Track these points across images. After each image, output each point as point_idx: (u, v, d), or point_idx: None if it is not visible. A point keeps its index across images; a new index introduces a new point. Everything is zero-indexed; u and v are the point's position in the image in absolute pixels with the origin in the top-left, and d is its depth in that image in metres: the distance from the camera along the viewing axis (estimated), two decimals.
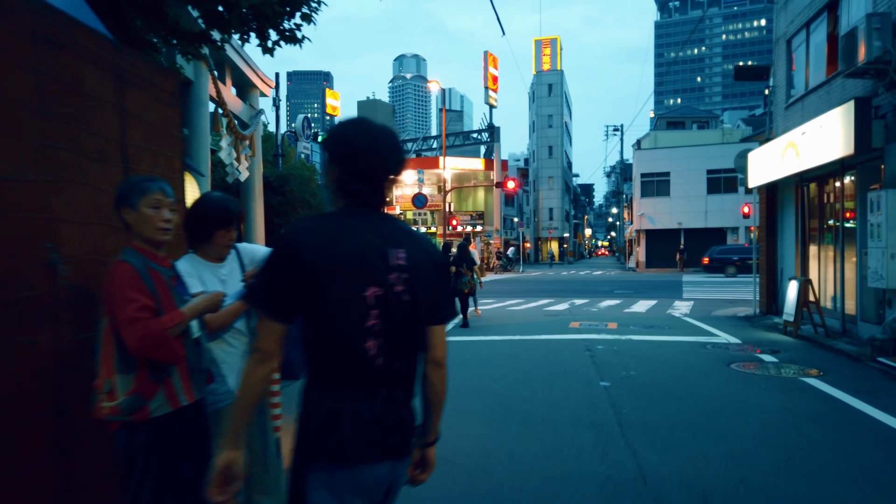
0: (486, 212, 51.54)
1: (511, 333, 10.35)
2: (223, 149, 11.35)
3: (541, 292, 21.35)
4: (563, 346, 8.91)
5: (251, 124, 13.52)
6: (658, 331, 10.54)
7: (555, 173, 62.09)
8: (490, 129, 44.79)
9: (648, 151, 42.51)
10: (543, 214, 62.74)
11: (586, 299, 17.85)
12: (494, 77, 45.97)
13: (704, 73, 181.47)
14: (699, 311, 14.23)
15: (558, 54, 62.20)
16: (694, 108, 63.34)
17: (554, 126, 61.53)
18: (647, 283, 25.74)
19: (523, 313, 14.04)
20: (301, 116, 21.66)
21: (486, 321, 12.43)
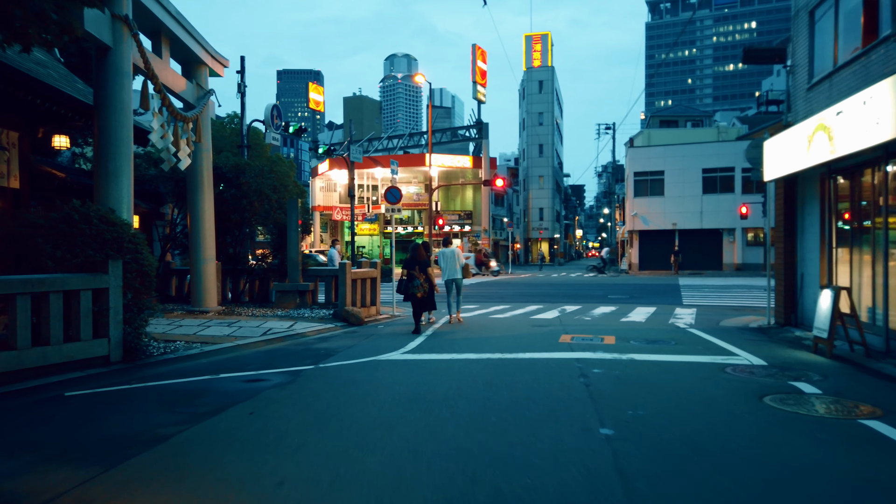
0: (474, 211, 49.93)
1: (490, 350, 8.70)
2: (155, 130, 9.64)
3: (529, 297, 19.72)
4: (553, 370, 7.26)
5: (197, 106, 11.79)
6: (664, 347, 8.92)
7: (545, 172, 60.56)
8: (478, 126, 43.16)
9: (642, 149, 41.03)
10: (534, 214, 61.20)
11: (578, 305, 16.23)
12: (483, 71, 44.37)
13: (695, 75, 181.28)
14: (705, 320, 12.63)
15: (549, 50, 60.69)
16: (687, 107, 62.02)
17: (545, 124, 60.00)
18: (642, 287, 24.17)
19: (508, 323, 12.39)
20: (270, 104, 19.90)
21: (463, 332, 10.77)
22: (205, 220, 12.43)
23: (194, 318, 11.54)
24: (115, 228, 7.71)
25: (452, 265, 12.35)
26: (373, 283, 13.48)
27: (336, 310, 12.41)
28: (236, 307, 13.41)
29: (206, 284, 12.44)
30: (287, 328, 10.77)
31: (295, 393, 6.21)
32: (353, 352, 8.78)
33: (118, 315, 7.65)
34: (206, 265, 12.45)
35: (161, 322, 10.89)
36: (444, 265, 12.49)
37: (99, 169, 8.63)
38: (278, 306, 13.39)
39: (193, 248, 12.42)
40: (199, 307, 12.39)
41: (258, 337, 9.84)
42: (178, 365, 7.84)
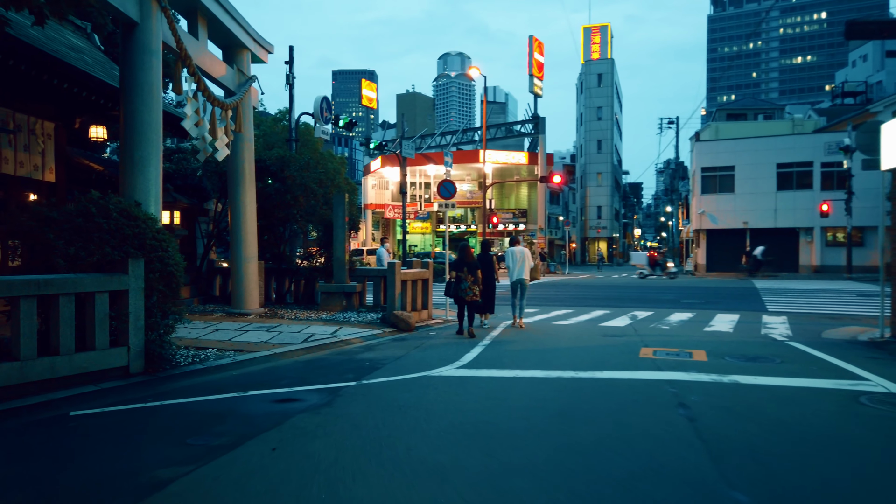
0: (529, 209, 48.45)
1: (559, 366, 7.46)
2: (188, 116, 8.81)
3: (593, 300, 18.29)
4: (641, 396, 5.98)
5: (238, 93, 10.97)
6: (769, 367, 7.48)
7: (604, 169, 58.34)
8: (534, 120, 41.67)
9: (710, 143, 38.68)
10: (591, 213, 59.09)
11: (649, 311, 14.75)
12: (540, 64, 42.83)
13: (760, 69, 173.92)
14: (803, 331, 11.01)
15: (609, 42, 58.44)
16: (756, 100, 58.70)
17: (604, 118, 57.79)
18: (715, 291, 22.32)
19: (574, 331, 11.10)
20: (319, 97, 19.11)
21: (525, 341, 9.56)
22: (246, 215, 11.62)
23: (233, 321, 10.72)
24: (137, 223, 6.85)
25: (522, 266, 11.54)
26: (424, 284, 12.41)
27: (384, 314, 11.39)
28: (280, 309, 12.58)
29: (247, 285, 11.64)
30: (330, 334, 9.80)
31: (330, 420, 5.15)
32: (401, 364, 7.70)
33: (139, 321, 6.79)
34: (248, 264, 11.64)
35: (196, 326, 10.09)
36: (511, 265, 11.59)
37: (124, 158, 7.83)
38: (323, 308, 12.48)
39: (234, 245, 11.64)
40: (240, 309, 11.59)
41: (298, 344, 8.89)
42: (204, 378, 6.93)
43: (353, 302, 12.59)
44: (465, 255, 10.62)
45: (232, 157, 11.53)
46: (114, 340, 6.65)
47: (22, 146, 10.21)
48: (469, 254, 10.72)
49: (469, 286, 10.36)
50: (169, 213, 12.51)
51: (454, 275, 10.59)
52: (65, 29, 11.46)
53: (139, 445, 4.60)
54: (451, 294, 10.56)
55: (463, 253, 10.72)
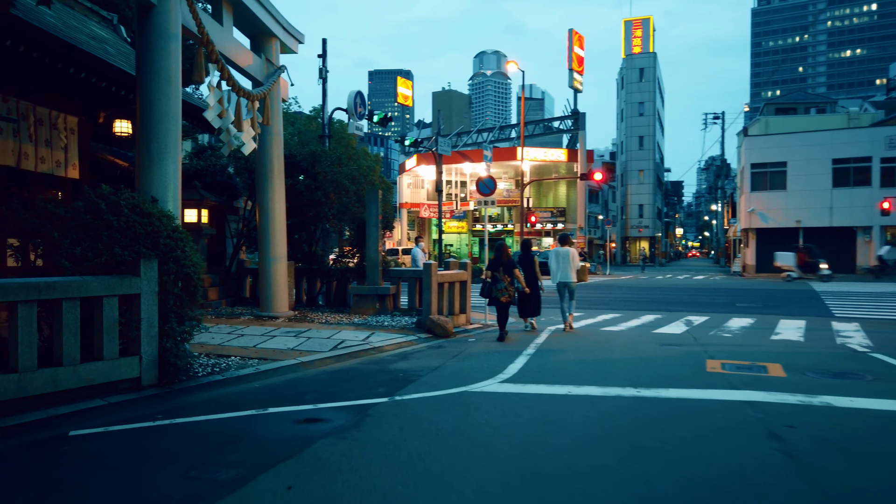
0: (567, 208, 47.29)
1: (617, 381, 6.61)
2: (211, 107, 8.22)
3: (640, 303, 17.25)
4: (718, 422, 5.10)
5: (266, 83, 10.37)
6: (862, 385, 6.49)
7: (646, 166, 56.64)
8: (574, 116, 40.50)
9: (760, 139, 36.96)
10: (632, 211, 57.45)
11: (704, 315, 13.69)
12: (580, 58, 41.64)
13: (807, 63, 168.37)
14: (885, 341, 9.88)
15: (650, 36, 56.73)
16: (807, 93, 56.25)
17: (645, 114, 56.11)
18: (770, 294, 20.99)
19: (626, 338, 10.18)
20: (353, 91, 18.53)
21: (574, 349, 8.70)
22: (275, 213, 11.03)
23: (261, 326, 10.12)
24: (151, 221, 6.25)
25: (566, 267, 10.92)
26: (462, 287, 11.64)
27: (419, 318, 10.66)
28: (310, 312, 11.96)
29: (275, 287, 11.04)
30: (362, 340, 9.10)
31: (357, 449, 4.42)
32: (438, 377, 6.94)
33: (152, 328, 6.18)
34: (277, 265, 11.05)
35: (221, 331, 9.51)
36: (556, 266, 11.00)
37: (140, 150, 7.26)
38: (355, 312, 11.82)
39: (262, 245, 11.06)
40: (269, 312, 11.00)
41: (327, 352, 8.21)
42: (222, 391, 6.28)
43: (386, 305, 11.90)
44: (501, 255, 10.12)
45: (259, 151, 10.95)
46: (124, 349, 6.06)
47: (43, 141, 9.79)
48: (506, 253, 10.21)
49: (505, 287, 9.93)
50: (196, 211, 12.03)
51: (490, 275, 10.16)
52: (89, 19, 11.04)
53: (135, 477, 3.94)
54: (487, 295, 10.16)
55: (499, 252, 10.20)
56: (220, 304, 12.20)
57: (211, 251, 12.78)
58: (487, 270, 10.34)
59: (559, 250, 11.20)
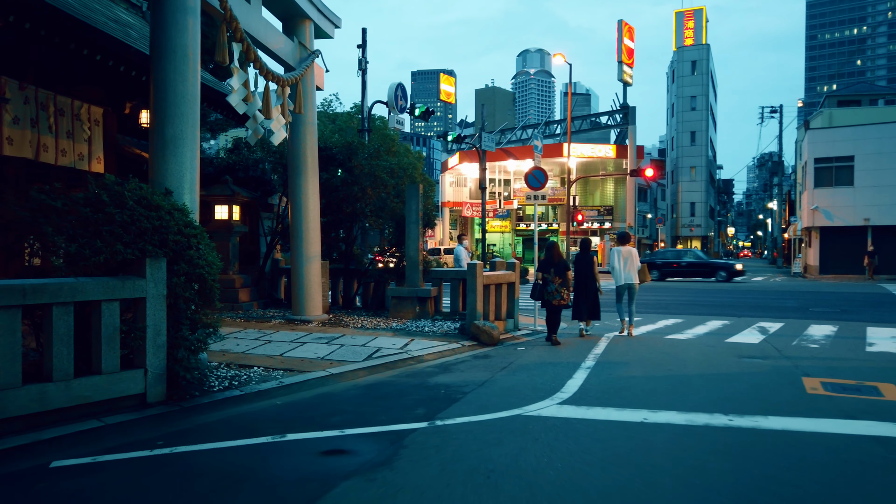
0: (615, 206, 45.65)
1: (699, 405, 5.53)
2: (234, 90, 7.44)
3: (702, 307, 15.91)
4: (846, 467, 4.01)
5: (297, 68, 9.59)
6: None
7: (698, 163, 54.31)
8: (624, 110, 38.90)
9: (824, 132, 34.70)
10: (683, 210, 55.19)
11: (778, 322, 12.35)
12: (630, 50, 40.02)
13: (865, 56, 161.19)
14: None
15: (703, 27, 54.38)
16: (871, 84, 53.07)
17: (698, 108, 53.81)
18: (844, 297, 19.28)
19: (697, 348, 9.01)
20: (393, 83, 17.75)
21: (640, 361, 7.61)
22: (308, 209, 10.25)
23: (291, 330, 9.35)
24: (159, 214, 5.48)
25: (627, 267, 10.23)
26: (510, 289, 10.65)
27: (463, 323, 9.72)
28: (345, 315, 11.16)
29: (309, 288, 10.26)
30: (400, 349, 8.21)
31: (387, 498, 3.50)
32: (486, 395, 5.99)
33: (159, 336, 5.41)
34: (310, 265, 10.27)
35: (248, 336, 8.76)
36: (619, 267, 10.27)
37: (154, 136, 6.53)
38: (394, 316, 10.95)
39: (295, 243, 10.29)
40: (301, 315, 10.23)
41: (360, 362, 7.35)
42: (238, 409, 5.47)
43: (427, 308, 11.00)
44: (552, 255, 9.63)
45: (291, 142, 10.19)
46: (126, 362, 5.30)
47: (65, 133, 9.21)
48: (557, 253, 9.72)
49: (556, 288, 9.41)
50: (227, 207, 11.35)
51: (541, 276, 9.59)
52: (116, 5, 10.47)
53: None
54: (538, 297, 9.62)
55: (550, 252, 9.69)
56: (251, 307, 11.51)
57: (243, 250, 12.12)
58: (538, 272, 9.73)
59: (620, 249, 10.49)
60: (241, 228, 11.64)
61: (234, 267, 11.49)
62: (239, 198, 11.45)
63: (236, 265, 11.60)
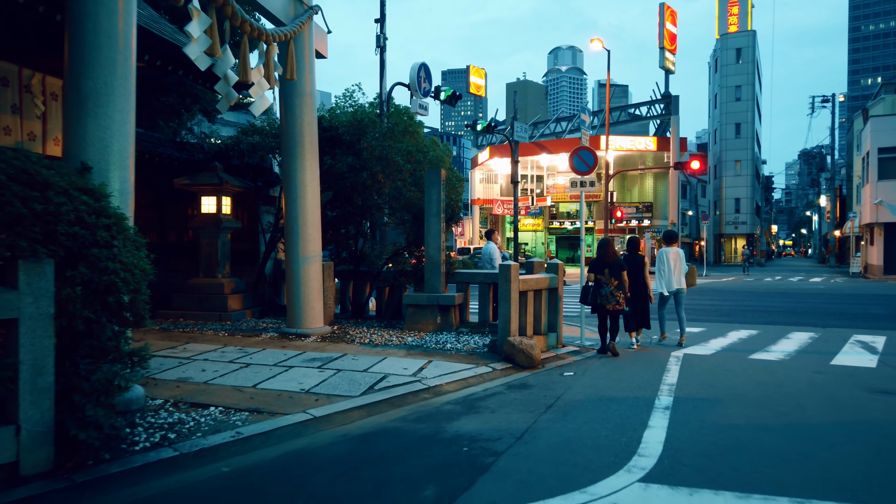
0: (655, 203, 43.14)
1: (865, 493, 3.51)
2: (193, 39, 5.66)
3: (770, 313, 13.68)
4: None
5: (289, 25, 7.79)
6: None
7: (743, 156, 51.23)
8: (665, 100, 36.43)
9: (889, 119, 31.76)
10: (727, 206, 52.15)
11: (877, 334, 10.14)
12: (672, 35, 37.51)
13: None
14: None
15: (748, 13, 51.30)
16: None
17: (743, 99, 50.73)
18: None
19: (798, 374, 6.92)
20: (416, 64, 15.87)
21: (737, 403, 5.59)
22: (306, 198, 8.45)
23: (281, 348, 7.55)
24: (45, 196, 3.70)
25: (677, 270, 9.17)
26: (552, 296, 8.68)
27: (494, 339, 7.81)
28: (353, 327, 9.34)
29: (306, 295, 8.47)
30: (412, 375, 6.35)
31: None
32: (528, 459, 4.08)
33: (42, 376, 3.64)
34: (308, 266, 8.47)
35: (223, 357, 6.98)
36: (666, 269, 9.11)
37: (67, 92, 4.77)
38: (410, 328, 9.10)
39: (289, 241, 8.51)
40: (296, 328, 8.45)
41: (356, 397, 5.50)
42: (160, 483, 3.67)
43: (450, 318, 9.12)
44: (606, 254, 8.32)
45: (285, 118, 8.41)
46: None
47: (9, 107, 7.58)
48: (612, 251, 8.40)
49: (612, 292, 8.16)
50: (215, 199, 9.63)
51: (592, 278, 8.36)
52: None
53: None
54: (589, 302, 8.36)
55: (604, 251, 8.36)
56: (242, 316, 9.77)
57: (236, 249, 10.40)
58: (590, 273, 8.41)
59: (669, 250, 9.19)
60: (231, 224, 9.90)
61: (223, 269, 9.77)
62: (229, 187, 9.72)
63: (226, 267, 9.87)
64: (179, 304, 9.59)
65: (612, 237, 9.04)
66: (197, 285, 9.65)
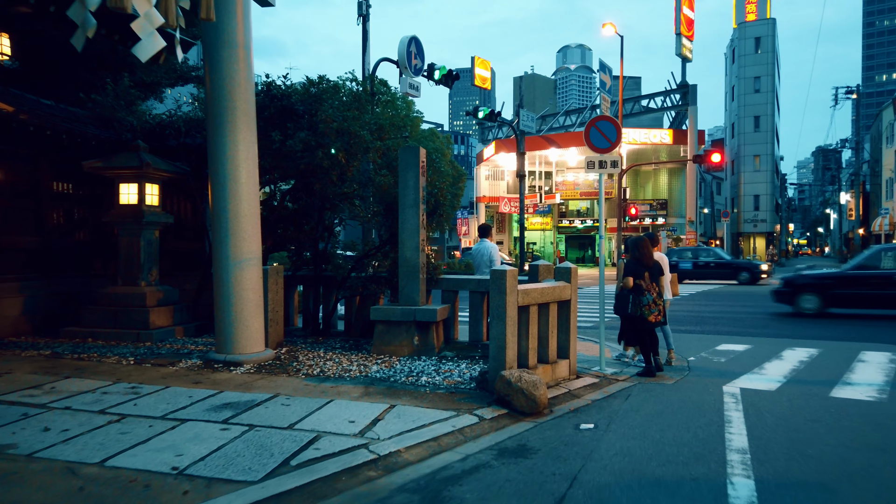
0: (670, 200, 40.94)
1: None
2: None
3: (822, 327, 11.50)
4: None
5: None
6: None
7: (763, 151, 48.79)
8: (682, 90, 34.23)
9: None
10: (746, 203, 49.73)
11: None
12: (689, 21, 35.29)
13: None
14: None
15: (768, 0, 48.88)
16: None
17: (762, 90, 48.28)
18: None
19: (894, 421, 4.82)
20: (407, 37, 13.86)
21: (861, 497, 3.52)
22: (238, 182, 6.43)
23: (192, 386, 5.53)
24: None
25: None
26: (563, 311, 6.59)
27: (484, 370, 5.75)
28: (307, 349, 7.32)
29: (240, 310, 6.45)
30: (358, 434, 4.31)
31: None
32: None
33: None
34: (242, 272, 6.46)
35: (101, 400, 4.96)
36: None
37: None
38: (380, 350, 7.06)
39: (217, 237, 6.50)
40: (226, 354, 6.44)
41: (256, 483, 3.47)
42: None
43: (430, 339, 7.06)
44: (643, 253, 6.91)
45: (210, 76, 6.39)
46: None
47: None
48: (649, 251, 6.97)
49: (654, 300, 6.80)
50: (137, 186, 7.64)
51: (629, 282, 6.82)
52: None
53: None
54: (626, 313, 6.88)
55: (640, 250, 6.92)
56: (170, 334, 7.76)
57: (176, 249, 8.44)
58: (627, 277, 6.88)
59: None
60: (158, 218, 7.89)
61: (147, 275, 7.77)
62: (155, 172, 7.71)
63: (153, 272, 7.87)
64: (91, 320, 7.60)
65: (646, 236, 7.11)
66: (113, 296, 7.65)
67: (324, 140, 7.12)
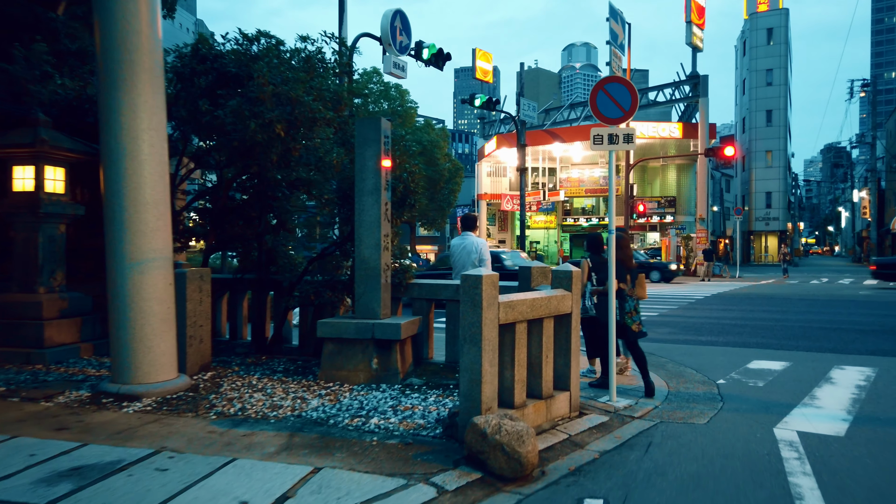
0: (678, 197, 39.24)
1: None
2: None
3: (862, 333, 9.92)
4: None
5: None
6: None
7: (775, 146, 47.01)
8: (693, 80, 32.61)
9: None
10: (757, 201, 47.94)
11: None
12: (700, 8, 33.65)
13: None
14: None
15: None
16: None
17: (774, 83, 46.49)
18: None
19: None
20: (390, 10, 12.37)
21: None
22: (138, 160, 4.93)
23: (50, 434, 4.05)
24: None
25: None
26: (560, 327, 5.03)
27: (455, 413, 4.22)
28: (239, 373, 5.82)
29: (140, 326, 4.96)
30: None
31: None
32: None
33: None
34: (143, 277, 4.96)
35: None
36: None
37: None
38: (329, 375, 5.56)
39: (109, 233, 5.00)
40: (124, 382, 4.95)
41: None
42: None
43: (393, 361, 5.55)
44: (626, 255, 6.02)
45: (100, 22, 4.90)
46: None
47: None
48: (631, 252, 6.26)
49: (635, 307, 5.92)
50: (33, 169, 6.16)
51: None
52: None
53: None
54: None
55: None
56: (74, 353, 6.27)
57: (84, 248, 6.93)
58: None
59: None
60: (62, 209, 6.39)
61: (49, 279, 6.28)
62: (57, 152, 6.22)
63: (58, 275, 6.38)
64: None
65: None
66: (2, 305, 6.16)
67: (258, 108, 5.61)
